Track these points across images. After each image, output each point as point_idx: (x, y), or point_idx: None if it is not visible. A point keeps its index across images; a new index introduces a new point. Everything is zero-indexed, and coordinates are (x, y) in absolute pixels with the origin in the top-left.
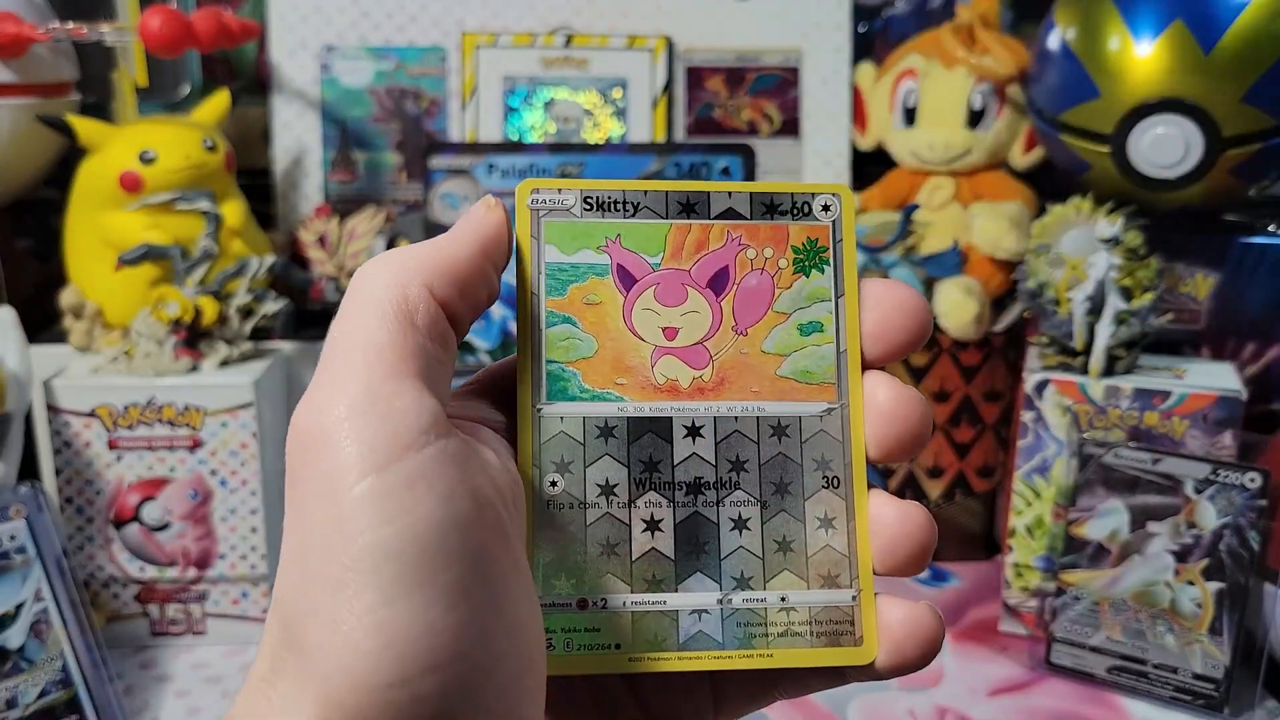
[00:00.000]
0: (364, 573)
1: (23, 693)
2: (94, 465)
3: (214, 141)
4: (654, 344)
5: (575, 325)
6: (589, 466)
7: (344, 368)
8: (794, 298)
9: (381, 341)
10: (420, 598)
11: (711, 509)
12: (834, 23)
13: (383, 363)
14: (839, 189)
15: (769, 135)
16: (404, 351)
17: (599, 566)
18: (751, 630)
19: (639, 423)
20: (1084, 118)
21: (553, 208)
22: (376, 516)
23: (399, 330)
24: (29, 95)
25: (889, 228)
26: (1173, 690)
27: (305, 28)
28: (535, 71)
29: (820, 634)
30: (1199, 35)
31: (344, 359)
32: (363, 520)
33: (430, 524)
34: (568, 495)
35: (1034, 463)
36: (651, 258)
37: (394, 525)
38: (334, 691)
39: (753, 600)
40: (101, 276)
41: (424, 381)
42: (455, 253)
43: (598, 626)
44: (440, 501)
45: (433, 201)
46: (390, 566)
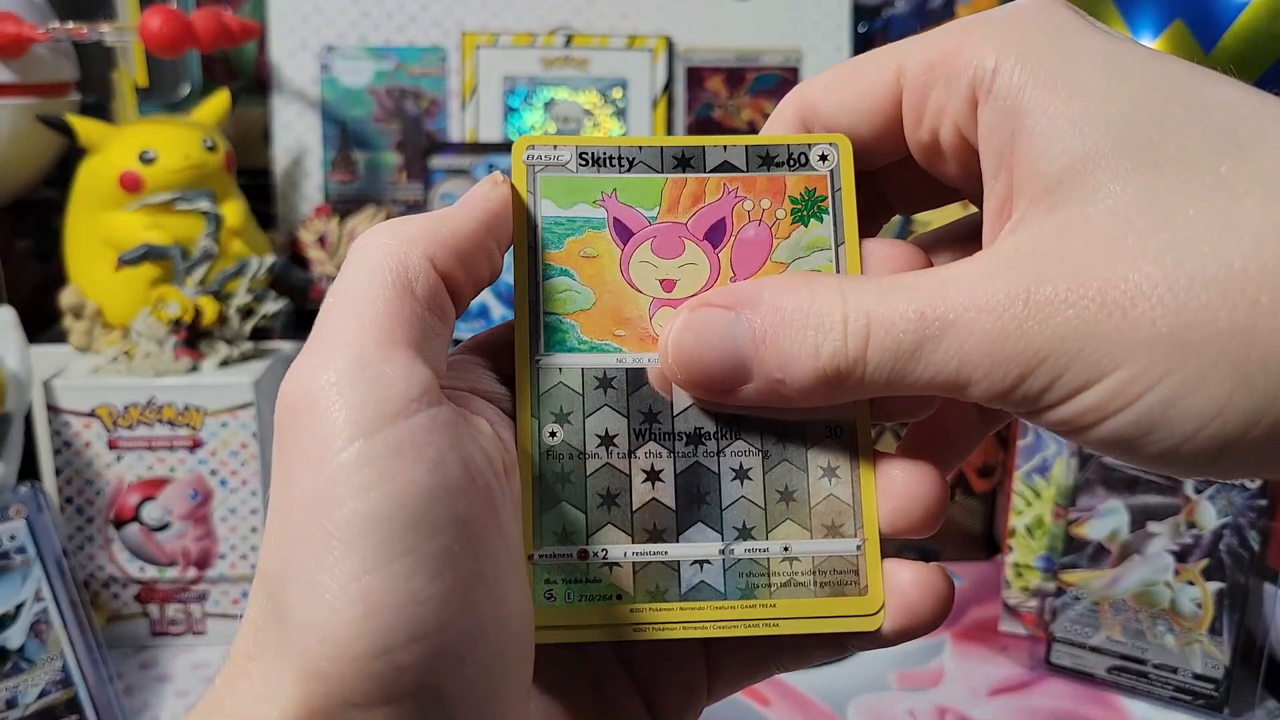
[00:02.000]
0: (348, 539)
1: (23, 693)
2: (94, 465)
3: (214, 141)
4: (652, 296)
5: (573, 278)
6: (588, 417)
7: (337, 334)
8: (792, 247)
9: (377, 309)
10: (404, 565)
11: (712, 459)
12: (834, 23)
13: (376, 329)
14: (837, 138)
15: None
16: (399, 319)
17: (599, 517)
18: (754, 580)
19: (637, 373)
20: None
21: (548, 163)
22: (362, 482)
23: (396, 298)
24: (29, 95)
25: (889, 227)
26: (1173, 690)
27: (305, 28)
28: (535, 71)
29: (824, 584)
30: (1199, 35)
31: (338, 325)
32: (348, 486)
33: (417, 491)
34: (567, 446)
35: (1034, 462)
36: (648, 211)
37: (379, 491)
38: (314, 661)
39: (755, 550)
40: (102, 276)
41: (417, 350)
42: (458, 225)
43: (599, 578)
44: (428, 469)
45: (433, 201)
46: (374, 533)
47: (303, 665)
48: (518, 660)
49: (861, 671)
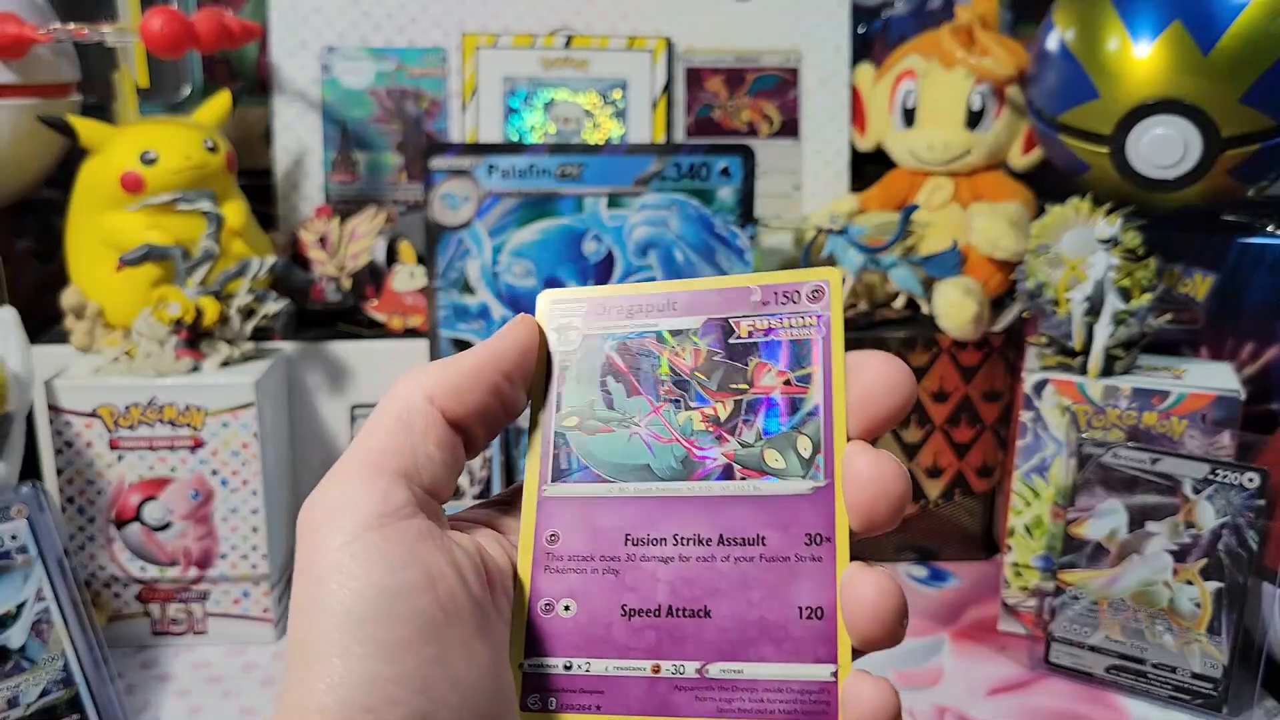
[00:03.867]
0: (323, 629)
1: (24, 692)
2: (95, 465)
3: (215, 142)
4: None
5: None
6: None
7: (343, 465)
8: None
9: (373, 444)
10: (363, 649)
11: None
12: (833, 23)
13: (368, 462)
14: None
15: (768, 136)
16: (389, 451)
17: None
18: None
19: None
20: (1083, 118)
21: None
22: (333, 582)
23: (391, 434)
24: (30, 96)
25: (888, 228)
26: (1171, 690)
27: (306, 29)
28: (535, 72)
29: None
30: (1197, 36)
31: (346, 458)
32: (326, 585)
33: (377, 589)
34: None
35: (1033, 462)
36: None
37: (346, 589)
38: (298, 717)
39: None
40: (103, 277)
41: (404, 476)
42: (460, 366)
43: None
44: (389, 571)
45: (433, 202)
46: (341, 622)
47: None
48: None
49: None
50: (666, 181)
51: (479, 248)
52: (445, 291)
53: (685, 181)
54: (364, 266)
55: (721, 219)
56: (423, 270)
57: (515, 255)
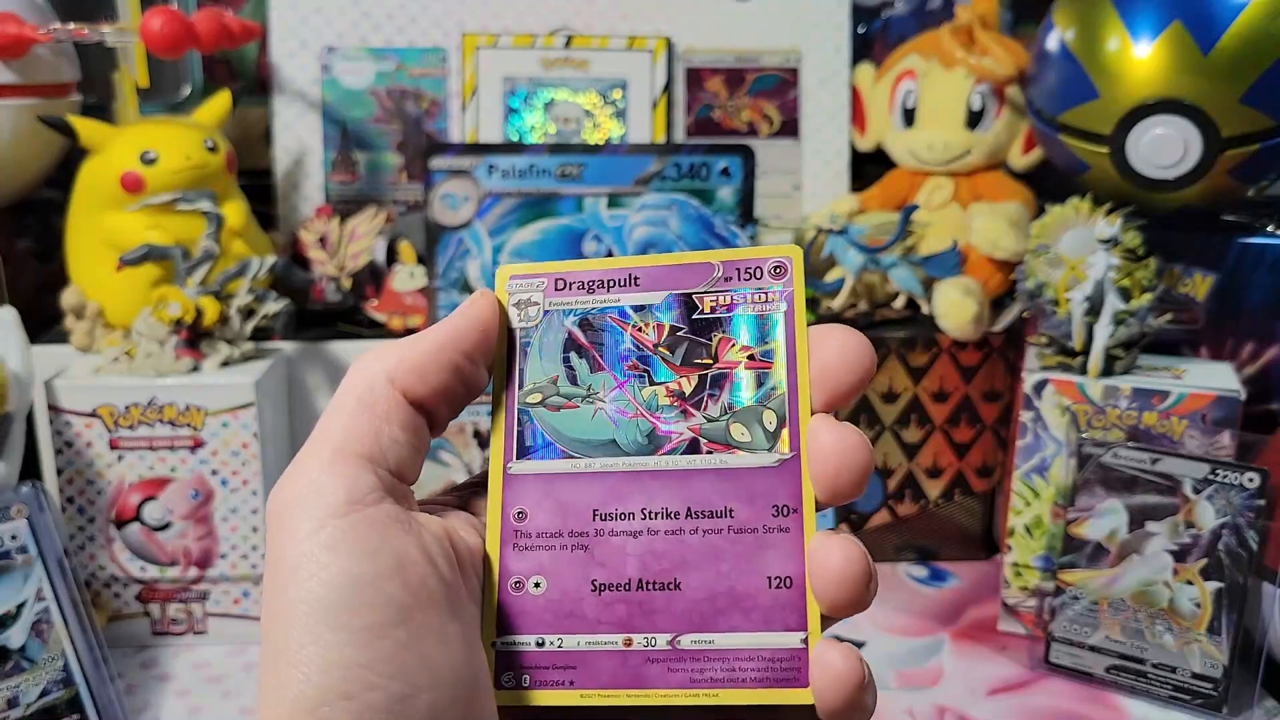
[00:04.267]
0: (295, 618)
1: (24, 692)
2: (95, 465)
3: (215, 142)
4: None
5: None
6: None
7: (307, 451)
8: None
9: (335, 427)
10: (336, 637)
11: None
12: (833, 23)
13: (332, 444)
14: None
15: (768, 136)
16: (352, 434)
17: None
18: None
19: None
20: (1083, 118)
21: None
22: (304, 572)
23: (353, 416)
24: (30, 96)
25: (888, 228)
26: (1171, 690)
27: (306, 29)
28: (535, 72)
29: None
30: (1197, 36)
31: (311, 443)
32: (297, 574)
33: (347, 577)
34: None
35: (1033, 462)
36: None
37: (316, 578)
38: (276, 708)
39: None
40: (103, 277)
41: (369, 459)
42: (420, 345)
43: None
44: (359, 558)
45: (433, 202)
46: (313, 612)
47: (271, 716)
48: (464, 707)
49: None
50: (666, 181)
51: (479, 248)
52: (445, 291)
53: (685, 181)
54: (364, 266)
55: (721, 219)
56: (423, 270)
57: (515, 255)
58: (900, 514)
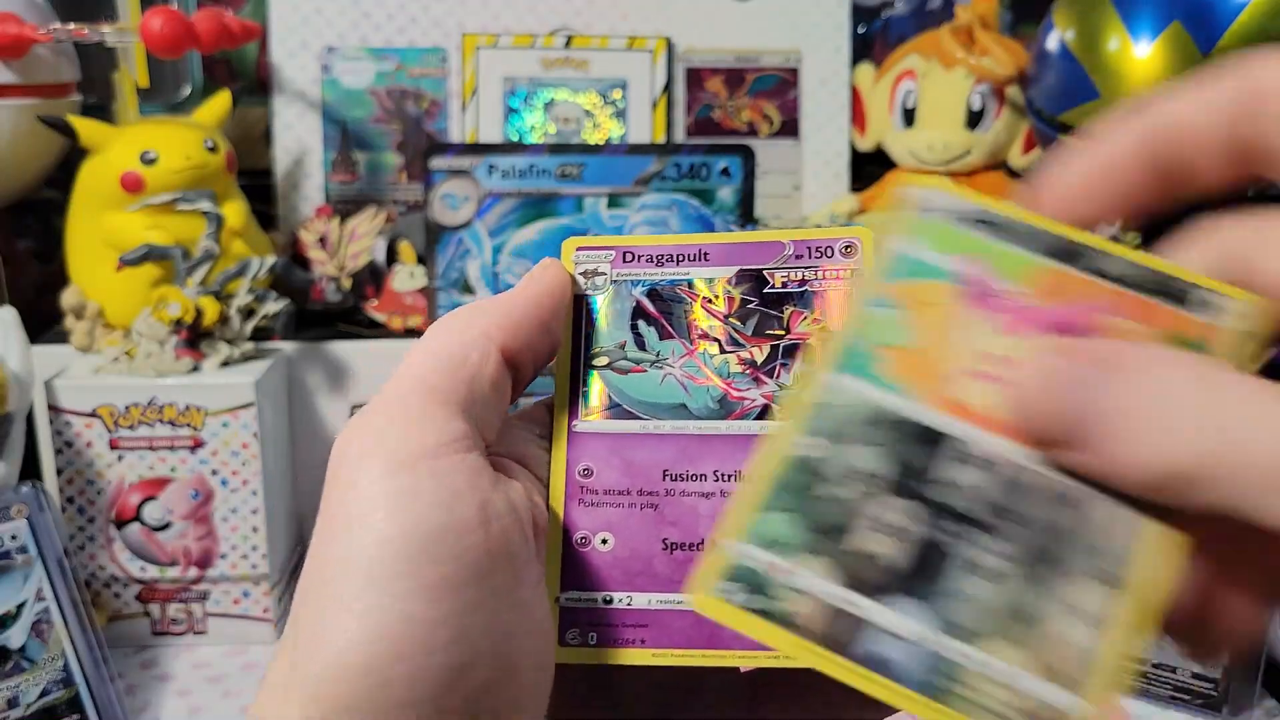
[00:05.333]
0: (358, 562)
1: (24, 692)
2: (95, 465)
3: (215, 142)
4: (969, 364)
5: (901, 313)
6: (852, 445)
7: (390, 391)
8: None
9: (427, 371)
10: (403, 587)
11: (955, 542)
12: (833, 23)
13: (424, 390)
14: (1262, 303)
15: (768, 136)
16: (445, 381)
17: (814, 540)
18: (950, 683)
19: (919, 428)
20: (1083, 118)
21: (940, 206)
22: (379, 514)
23: (447, 364)
24: (30, 96)
25: None
26: (1171, 689)
27: (306, 29)
28: (535, 72)
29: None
30: (1197, 36)
31: (394, 385)
32: (368, 517)
33: (427, 525)
34: (824, 463)
35: None
36: (1014, 285)
37: (393, 521)
38: (312, 677)
39: (964, 654)
40: (103, 277)
41: (461, 409)
42: (513, 301)
43: (780, 596)
44: (441, 507)
45: (433, 202)
46: (382, 557)
47: (306, 679)
48: (524, 684)
49: None
50: (666, 181)
51: (479, 248)
52: (445, 291)
53: (685, 181)
54: (364, 266)
55: (721, 219)
56: (423, 270)
57: (515, 255)
58: None
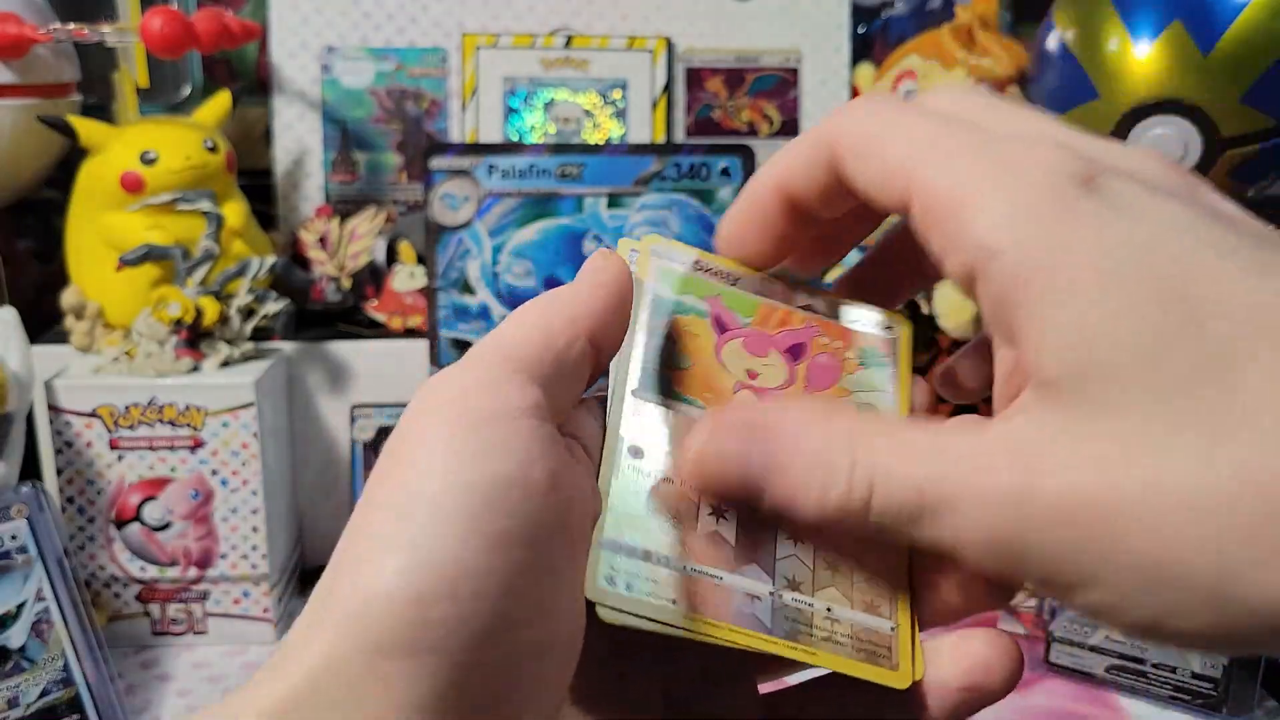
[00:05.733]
0: (417, 505)
1: (24, 692)
2: (95, 465)
3: (215, 142)
4: (737, 378)
5: (675, 343)
6: (671, 449)
7: (475, 356)
8: (856, 382)
9: (513, 343)
10: (459, 531)
11: (771, 520)
12: (833, 23)
13: (509, 360)
14: (904, 321)
15: (768, 136)
16: (532, 355)
17: (665, 531)
18: (799, 626)
19: None
20: (1083, 119)
21: (667, 258)
22: (450, 463)
23: (535, 341)
24: (30, 96)
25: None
26: (1171, 689)
27: (306, 29)
28: (535, 72)
29: (860, 649)
30: (1198, 36)
31: (479, 351)
32: (435, 464)
33: (497, 478)
34: (649, 464)
35: None
36: (744, 318)
37: (461, 473)
38: (348, 603)
39: (801, 601)
40: (103, 277)
41: (541, 383)
42: (597, 295)
43: (658, 579)
44: (515, 465)
45: (433, 202)
46: (443, 504)
47: (339, 610)
48: (552, 662)
49: None
50: (666, 181)
51: (479, 248)
52: (445, 292)
53: (685, 181)
54: (364, 266)
55: None
56: (423, 270)
57: (515, 255)
58: None
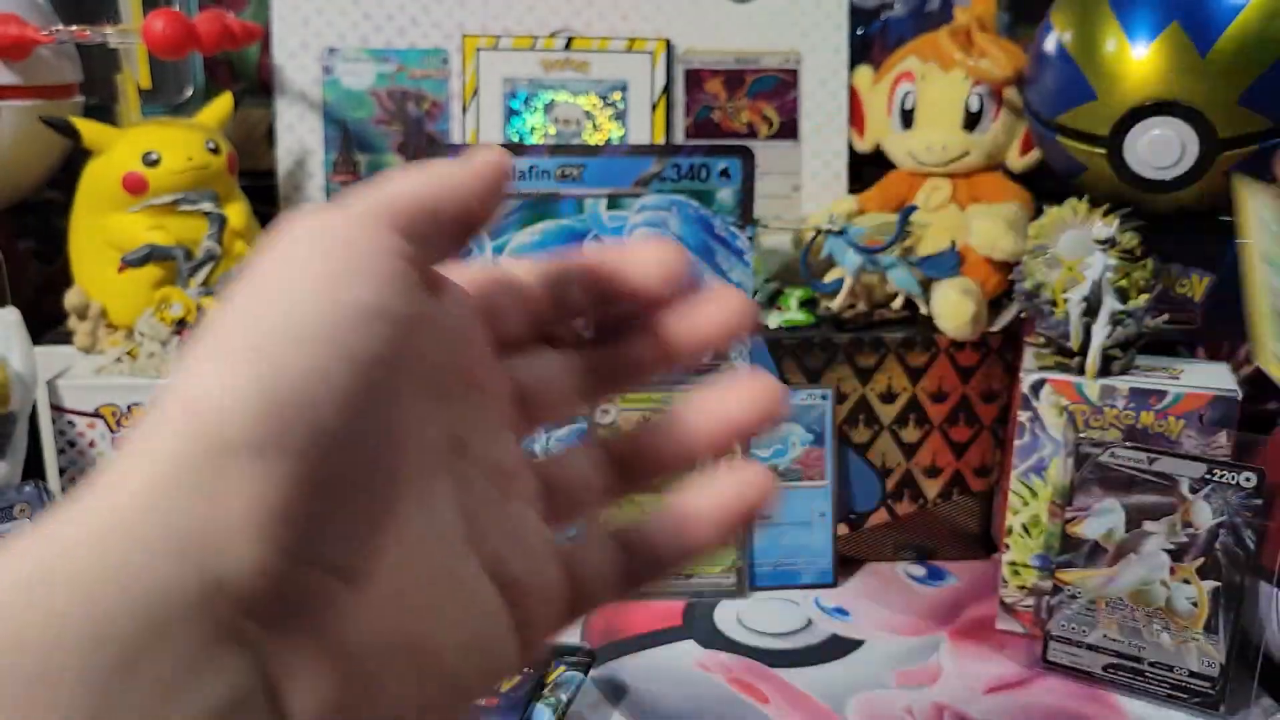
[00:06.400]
0: (280, 316)
1: None
2: (98, 465)
3: (217, 143)
4: None
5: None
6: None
7: (351, 202)
8: None
9: (389, 199)
10: (320, 348)
11: None
12: (832, 25)
13: (381, 207)
14: None
15: (768, 137)
16: (404, 211)
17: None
18: None
19: None
20: (1081, 120)
21: None
22: (319, 282)
23: (409, 201)
24: (33, 97)
25: (887, 229)
26: (1169, 688)
27: (307, 30)
28: (536, 74)
29: None
30: (1195, 37)
31: (353, 199)
32: (301, 282)
33: (360, 304)
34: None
35: (1030, 462)
36: None
37: (328, 292)
38: (193, 404)
39: None
40: (105, 277)
41: (408, 238)
42: None
43: None
44: (378, 295)
45: None
46: (309, 318)
47: (180, 412)
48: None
49: (861, 670)
50: (666, 183)
51: (479, 248)
52: None
53: (685, 183)
54: None
55: (721, 220)
56: None
57: (516, 256)
58: (899, 513)
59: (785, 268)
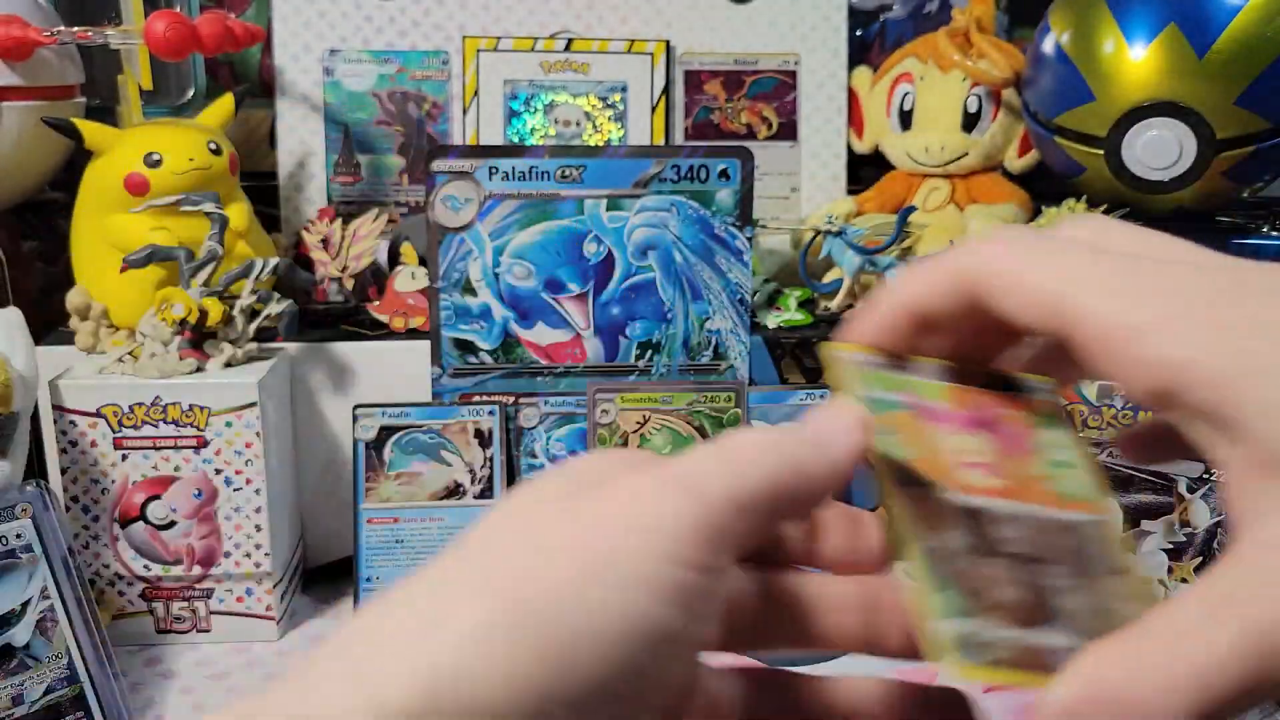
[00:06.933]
0: (467, 614)
1: (29, 690)
2: (100, 464)
3: (219, 144)
4: (956, 458)
5: (894, 436)
6: (945, 532)
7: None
8: (1043, 443)
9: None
10: (499, 668)
11: (1038, 576)
12: (831, 27)
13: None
14: (1048, 379)
15: (767, 138)
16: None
17: (971, 602)
18: None
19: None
20: (1079, 121)
21: (860, 361)
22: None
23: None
24: (35, 98)
25: (886, 230)
26: None
27: (309, 32)
28: (536, 75)
29: None
30: (1193, 39)
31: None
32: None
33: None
34: (937, 551)
35: None
36: (936, 403)
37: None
38: (360, 691)
39: None
40: (107, 278)
41: (721, 545)
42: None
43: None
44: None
45: (435, 204)
46: (500, 619)
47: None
48: None
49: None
50: (665, 183)
51: (480, 249)
52: (447, 293)
53: (684, 183)
54: (366, 268)
55: (720, 220)
56: (424, 271)
57: (516, 257)
58: None
59: (784, 268)
